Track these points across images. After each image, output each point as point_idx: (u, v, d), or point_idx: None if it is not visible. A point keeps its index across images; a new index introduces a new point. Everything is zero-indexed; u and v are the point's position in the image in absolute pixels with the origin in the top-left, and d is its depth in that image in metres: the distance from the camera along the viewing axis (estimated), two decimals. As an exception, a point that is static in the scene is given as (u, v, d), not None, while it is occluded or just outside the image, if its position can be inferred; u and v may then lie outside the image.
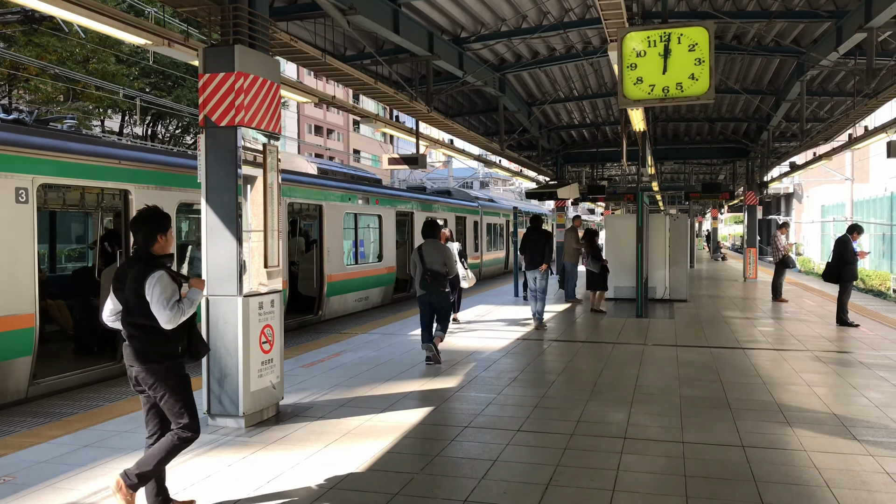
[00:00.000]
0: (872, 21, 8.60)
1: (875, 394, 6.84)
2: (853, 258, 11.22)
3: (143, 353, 3.86)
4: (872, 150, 30.52)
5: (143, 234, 3.89)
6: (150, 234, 3.89)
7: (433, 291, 8.34)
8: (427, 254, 8.35)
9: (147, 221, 3.89)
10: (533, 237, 11.30)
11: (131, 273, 3.82)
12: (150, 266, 3.82)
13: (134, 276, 3.80)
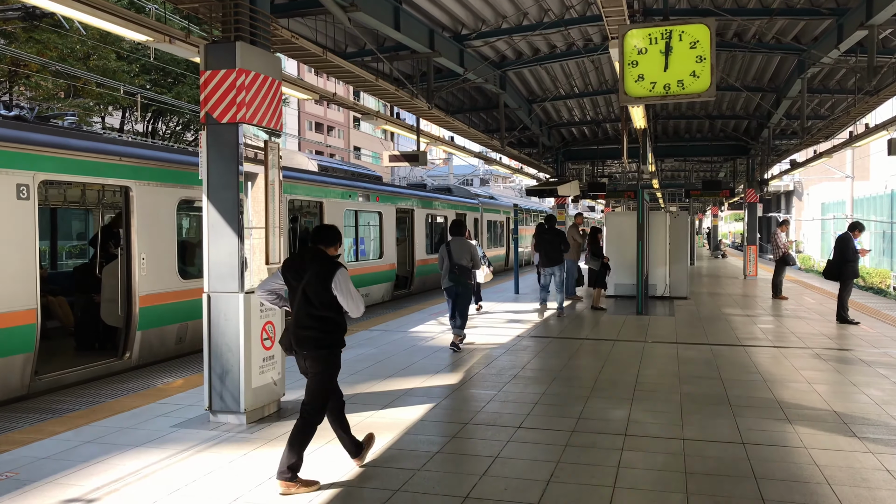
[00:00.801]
0: (873, 18, 8.59)
1: (875, 391, 6.85)
2: (854, 256, 11.22)
3: (320, 340, 4.43)
4: (873, 148, 30.51)
5: (329, 241, 4.59)
6: (333, 242, 4.61)
7: (459, 283, 9.14)
8: (454, 249, 9.14)
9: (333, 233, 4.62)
10: (547, 236, 12.36)
11: (315, 269, 4.42)
12: (334, 264, 4.46)
13: (319, 272, 4.40)
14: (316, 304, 4.40)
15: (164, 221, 9.27)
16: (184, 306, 9.57)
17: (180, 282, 9.55)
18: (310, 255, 4.51)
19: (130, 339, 8.80)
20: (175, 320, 9.51)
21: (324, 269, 4.40)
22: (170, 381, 7.66)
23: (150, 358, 9.22)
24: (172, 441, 5.34)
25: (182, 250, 9.80)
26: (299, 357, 4.52)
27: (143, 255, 8.84)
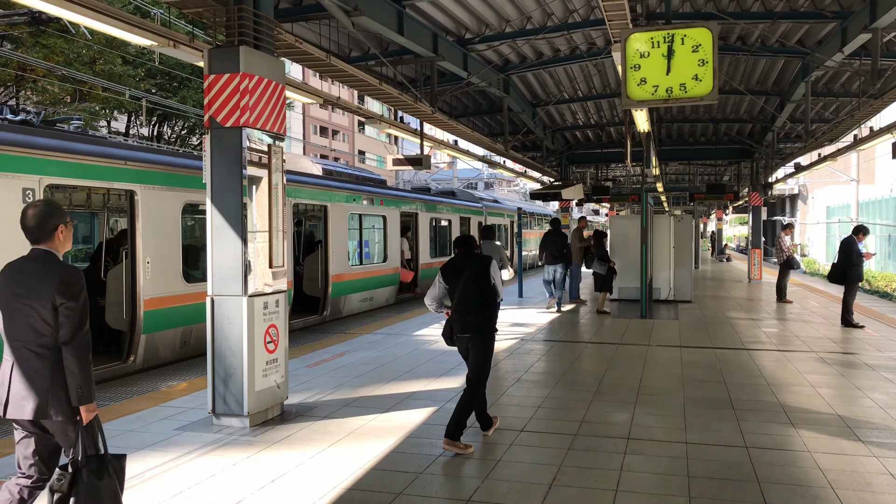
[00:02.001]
0: (878, 21, 8.58)
1: (880, 395, 6.83)
2: (859, 259, 11.20)
3: (481, 324, 5.31)
4: (878, 151, 30.40)
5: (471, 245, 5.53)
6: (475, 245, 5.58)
7: None
8: (485, 251, 9.89)
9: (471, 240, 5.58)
10: (554, 238, 13.57)
11: (473, 265, 5.35)
12: (488, 258, 5.42)
13: (479, 266, 5.33)
14: (476, 295, 5.32)
15: (169, 225, 9.31)
16: (188, 310, 9.60)
17: (184, 285, 9.58)
18: (464, 255, 5.48)
19: (135, 343, 8.83)
20: (179, 324, 9.54)
21: (481, 263, 5.38)
22: (174, 385, 7.68)
23: (154, 361, 9.25)
24: (176, 444, 5.36)
25: (186, 254, 9.83)
26: (461, 342, 5.41)
27: (147, 258, 8.88)
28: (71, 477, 3.17)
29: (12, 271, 3.28)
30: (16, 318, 3.20)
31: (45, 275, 3.21)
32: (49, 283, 3.18)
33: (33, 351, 3.18)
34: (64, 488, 3.15)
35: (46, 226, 3.29)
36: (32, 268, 3.24)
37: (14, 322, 3.21)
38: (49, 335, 3.18)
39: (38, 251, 3.30)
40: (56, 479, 3.18)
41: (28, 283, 3.21)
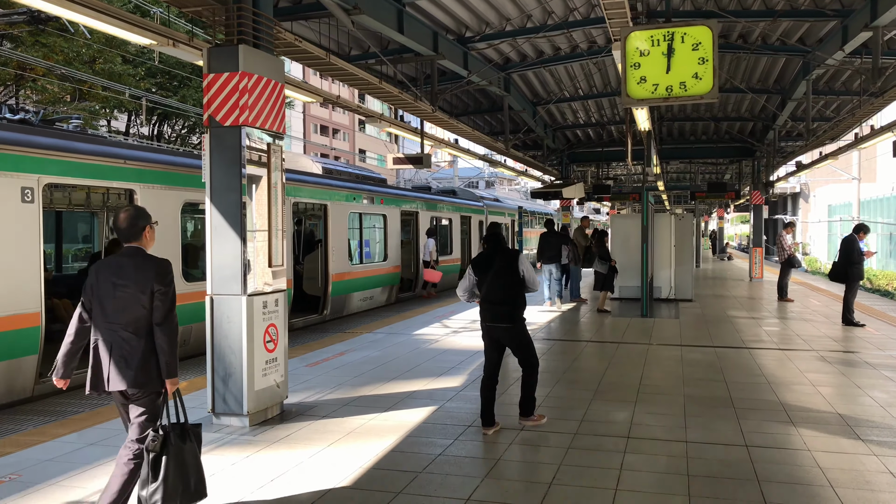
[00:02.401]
0: (878, 20, 8.57)
1: (880, 393, 6.82)
2: (860, 258, 11.18)
3: (514, 312, 5.63)
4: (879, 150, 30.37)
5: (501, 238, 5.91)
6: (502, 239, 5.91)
7: None
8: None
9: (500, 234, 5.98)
10: (552, 239, 13.92)
11: (502, 258, 5.70)
12: (515, 251, 5.77)
13: (508, 259, 5.69)
14: (507, 286, 5.65)
15: (168, 224, 9.30)
16: (187, 309, 9.59)
17: (184, 284, 9.58)
18: (492, 248, 5.81)
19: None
20: (179, 323, 9.52)
21: (510, 256, 5.71)
22: (174, 384, 7.67)
23: (154, 360, 9.24)
24: (175, 443, 5.35)
25: (186, 253, 9.82)
26: (491, 331, 5.71)
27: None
28: (162, 439, 3.68)
29: (111, 266, 3.81)
30: (116, 305, 3.73)
31: (144, 266, 3.77)
32: (148, 272, 3.74)
33: (130, 332, 3.72)
34: (157, 448, 3.66)
35: (136, 227, 3.83)
36: (130, 262, 3.79)
37: (114, 308, 3.73)
38: (144, 318, 3.74)
39: (130, 248, 3.84)
40: (150, 441, 3.69)
41: (129, 274, 3.74)
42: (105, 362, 3.74)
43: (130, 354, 3.71)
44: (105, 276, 3.79)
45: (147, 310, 3.74)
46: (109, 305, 3.75)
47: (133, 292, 3.73)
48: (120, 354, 3.71)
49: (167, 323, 3.76)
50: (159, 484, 3.65)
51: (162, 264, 3.82)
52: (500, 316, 5.64)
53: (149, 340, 3.75)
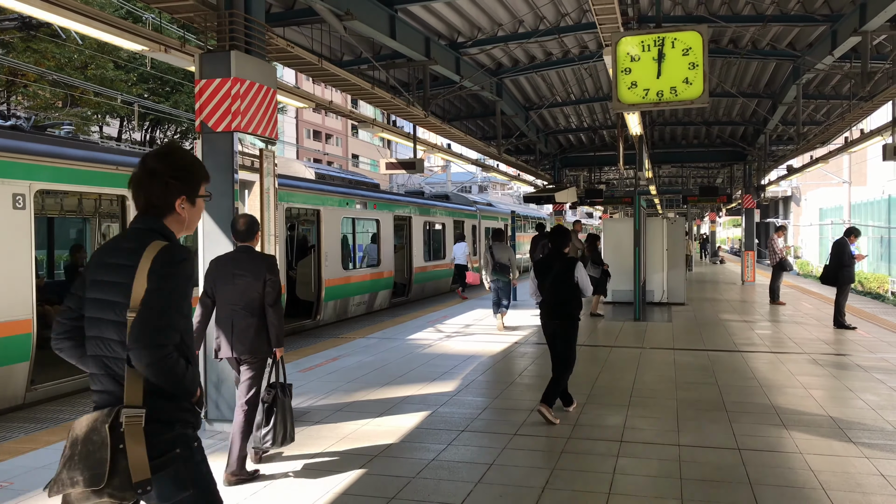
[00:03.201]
0: (867, 25, 8.64)
1: (871, 396, 6.85)
2: (850, 261, 11.24)
3: (569, 313, 6.19)
4: (870, 153, 30.59)
5: (563, 240, 6.38)
6: (566, 241, 6.39)
7: (501, 277, 11.61)
8: (496, 251, 11.67)
9: (565, 233, 6.42)
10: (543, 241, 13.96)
11: (561, 264, 6.25)
12: (573, 259, 6.31)
13: (565, 266, 6.22)
14: (564, 289, 6.19)
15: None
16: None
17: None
18: (553, 254, 6.39)
19: (127, 348, 8.79)
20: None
21: (568, 263, 6.24)
22: (166, 390, 7.64)
23: (146, 367, 9.20)
24: (168, 450, 5.33)
25: None
26: (549, 326, 6.28)
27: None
28: (273, 394, 4.81)
29: (229, 260, 4.81)
30: (236, 290, 4.69)
31: (258, 260, 4.77)
32: (261, 265, 4.72)
33: (247, 311, 4.67)
34: (269, 400, 4.80)
35: (252, 231, 4.86)
36: (246, 257, 4.78)
37: (235, 293, 4.69)
38: (257, 301, 4.68)
39: (244, 247, 4.85)
40: (266, 393, 4.82)
41: (246, 266, 4.73)
42: (227, 334, 4.71)
43: (247, 329, 4.67)
44: (224, 268, 4.78)
45: (260, 294, 4.68)
46: (229, 290, 4.71)
47: (250, 280, 4.68)
48: (240, 329, 4.68)
49: (277, 304, 4.72)
50: (270, 429, 4.74)
51: (270, 259, 4.80)
52: (556, 315, 6.23)
53: (261, 318, 4.70)
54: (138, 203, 2.39)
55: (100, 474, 2.12)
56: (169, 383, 2.23)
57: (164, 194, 2.38)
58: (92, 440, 2.16)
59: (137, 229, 2.37)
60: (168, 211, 2.40)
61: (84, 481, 2.13)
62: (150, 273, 2.24)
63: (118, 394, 2.26)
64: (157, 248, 2.28)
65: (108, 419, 2.18)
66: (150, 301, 2.21)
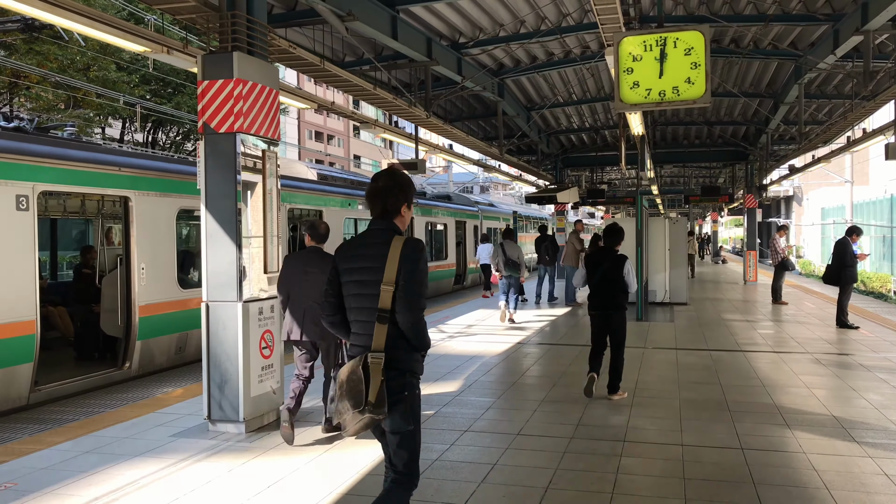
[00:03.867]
0: (869, 24, 8.63)
1: (874, 396, 6.85)
2: (853, 260, 11.22)
3: (619, 305, 6.84)
4: (872, 153, 30.57)
5: (616, 239, 6.95)
6: (620, 239, 6.98)
7: (512, 272, 12.22)
8: (508, 248, 12.23)
9: (618, 231, 6.96)
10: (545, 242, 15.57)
11: (611, 260, 6.84)
12: (623, 256, 6.89)
13: (615, 262, 6.81)
14: (614, 283, 6.79)
15: (164, 231, 9.29)
16: (183, 316, 9.58)
17: (180, 291, 9.57)
18: (604, 251, 6.98)
19: (130, 349, 8.81)
20: (174, 330, 9.52)
21: (618, 260, 6.84)
22: (169, 391, 7.66)
23: (149, 368, 9.23)
24: (172, 451, 5.35)
25: (181, 260, 9.81)
26: (595, 318, 6.96)
27: (142, 264, 8.87)
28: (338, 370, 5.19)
29: (302, 258, 5.64)
30: (308, 284, 5.46)
31: (325, 258, 5.53)
32: (328, 262, 5.17)
33: (316, 303, 5.32)
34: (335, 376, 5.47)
35: (325, 234, 5.78)
36: (316, 255, 5.61)
37: (307, 286, 5.47)
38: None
39: (315, 247, 5.71)
40: (334, 370, 5.67)
41: (316, 263, 5.53)
42: (299, 322, 5.53)
43: (318, 318, 5.32)
44: (295, 264, 5.62)
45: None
46: (301, 284, 5.51)
47: (318, 275, 5.36)
48: (311, 318, 5.47)
49: None
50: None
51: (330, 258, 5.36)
52: (602, 306, 6.86)
53: None
54: (375, 209, 3.23)
55: (360, 400, 2.97)
56: (419, 339, 3.09)
57: (396, 202, 3.21)
58: (352, 379, 3.00)
59: (379, 228, 3.19)
60: (396, 214, 3.23)
61: (351, 406, 2.99)
62: (402, 259, 3.03)
63: (369, 344, 3.06)
64: (402, 240, 3.09)
65: (360, 362, 3.02)
66: (409, 279, 3.04)
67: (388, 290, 3.02)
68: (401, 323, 3.04)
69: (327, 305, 3.28)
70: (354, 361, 3.04)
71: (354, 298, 3.18)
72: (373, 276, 3.07)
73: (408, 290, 3.03)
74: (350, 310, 3.21)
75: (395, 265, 3.03)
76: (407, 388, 3.07)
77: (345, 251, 3.26)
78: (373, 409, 2.96)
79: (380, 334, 3.04)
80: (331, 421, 5.62)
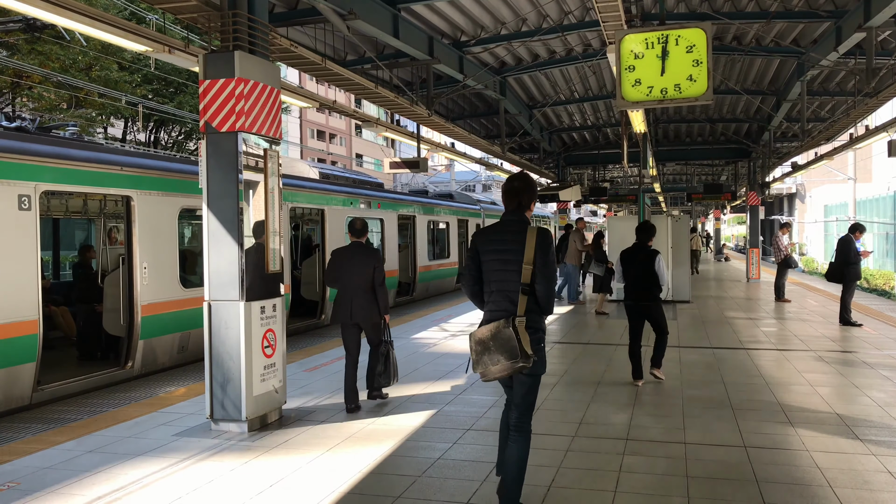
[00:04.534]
0: (871, 20, 8.60)
1: (878, 393, 6.83)
2: (856, 258, 11.20)
3: (654, 296, 7.52)
4: (875, 150, 30.49)
5: (648, 235, 7.59)
6: (652, 235, 7.62)
7: None
8: None
9: (650, 228, 7.74)
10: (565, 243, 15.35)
11: (645, 255, 7.51)
12: (655, 251, 7.53)
13: (650, 256, 7.48)
14: (647, 276, 7.44)
15: (166, 230, 9.30)
16: (185, 315, 9.59)
17: (182, 290, 9.58)
18: (638, 246, 7.64)
19: (133, 349, 8.82)
20: (177, 329, 9.53)
21: (651, 254, 7.49)
22: (172, 390, 7.67)
23: (152, 367, 9.24)
24: (174, 450, 5.35)
25: (183, 259, 9.82)
26: (630, 309, 7.67)
27: (144, 264, 8.87)
28: (386, 349, 6.65)
29: (348, 251, 6.54)
30: (353, 273, 6.41)
31: (369, 253, 6.52)
32: (372, 257, 6.49)
33: (363, 289, 6.42)
34: (386, 351, 6.64)
35: (364, 231, 6.64)
36: (359, 251, 6.52)
37: (352, 275, 6.40)
38: (368, 282, 6.43)
39: (358, 242, 6.59)
40: (384, 346, 6.62)
41: (359, 258, 6.46)
42: (348, 305, 6.42)
43: (364, 302, 6.42)
44: (342, 257, 6.49)
45: (370, 277, 6.41)
46: (350, 273, 6.40)
47: (361, 267, 6.38)
48: (358, 302, 6.40)
49: (383, 285, 6.51)
50: (386, 370, 6.66)
51: (377, 253, 6.62)
52: (638, 297, 7.53)
53: (371, 294, 6.44)
54: (511, 204, 4.07)
55: (514, 353, 3.75)
56: (550, 305, 3.94)
57: (528, 199, 4.06)
58: (501, 337, 3.78)
59: (514, 220, 4.03)
60: (526, 209, 4.07)
61: (504, 358, 3.77)
62: (538, 245, 3.85)
63: (510, 309, 3.86)
64: (535, 230, 3.90)
65: (508, 324, 3.79)
66: (545, 260, 3.85)
67: (528, 268, 3.83)
68: (539, 293, 3.86)
69: (469, 278, 4.10)
70: (499, 323, 3.82)
71: (496, 273, 3.96)
72: (514, 257, 3.88)
73: (544, 269, 3.85)
74: (490, 282, 4.00)
75: (533, 249, 3.84)
76: (541, 342, 3.93)
77: (485, 236, 4.08)
78: (526, 358, 3.75)
79: (522, 302, 3.83)
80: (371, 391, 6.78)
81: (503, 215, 4.10)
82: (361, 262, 6.39)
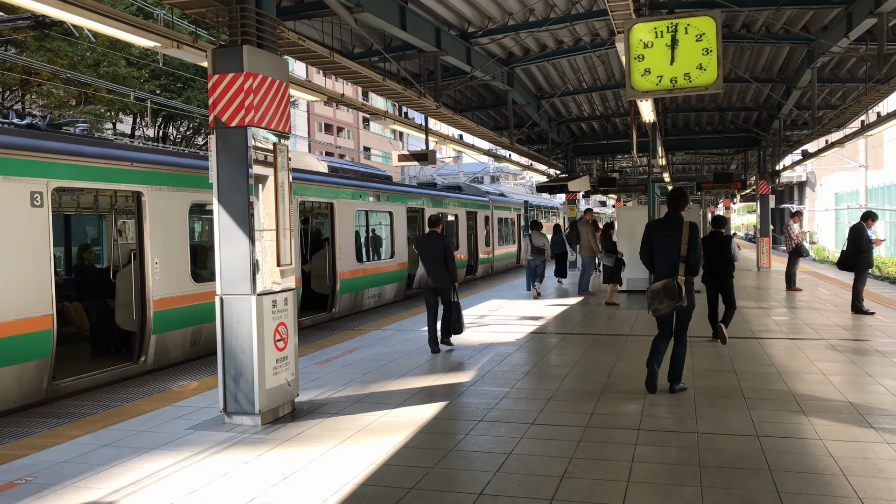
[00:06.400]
0: (882, 6, 8.53)
1: (891, 381, 6.80)
2: (868, 246, 11.12)
3: (729, 273, 9.17)
4: (886, 136, 30.24)
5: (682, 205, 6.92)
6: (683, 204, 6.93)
7: (537, 257, 15.05)
8: (534, 238, 14.99)
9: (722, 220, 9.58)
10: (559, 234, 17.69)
11: (722, 240, 9.16)
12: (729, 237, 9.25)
13: (725, 241, 9.14)
14: (724, 259, 9.08)
15: (177, 225, 9.34)
16: (197, 309, 9.64)
17: (193, 285, 9.62)
18: (715, 234, 9.28)
19: (145, 343, 8.88)
20: (189, 323, 9.58)
21: (725, 240, 9.20)
22: (185, 384, 7.72)
23: (165, 361, 9.30)
24: (188, 443, 5.40)
25: (194, 254, 9.86)
26: (715, 285, 9.28)
27: (156, 259, 8.92)
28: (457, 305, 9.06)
29: (426, 237, 9.01)
30: (429, 252, 8.88)
31: (440, 239, 8.92)
32: (442, 243, 8.89)
33: (438, 262, 8.84)
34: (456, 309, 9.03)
35: (438, 222, 9.14)
36: (433, 236, 9.00)
37: (430, 255, 8.88)
38: (441, 258, 8.83)
39: (433, 230, 9.05)
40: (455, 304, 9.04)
41: (434, 241, 8.93)
42: (426, 274, 8.89)
43: (439, 273, 8.85)
44: (422, 241, 8.98)
45: (442, 255, 8.83)
46: (429, 253, 8.88)
47: (436, 248, 8.85)
48: (433, 274, 8.84)
49: (453, 261, 8.93)
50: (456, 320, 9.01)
51: (446, 239, 9.02)
52: (717, 275, 9.20)
53: (444, 266, 8.84)
54: (672, 207, 6.63)
55: (674, 296, 6.32)
56: (698, 268, 6.40)
57: (684, 204, 6.67)
58: (669, 287, 6.34)
59: (675, 217, 6.54)
60: (682, 209, 6.59)
61: (668, 300, 6.36)
62: (689, 235, 6.36)
63: (672, 273, 6.34)
64: (688, 223, 6.41)
65: (674, 280, 6.32)
66: (694, 243, 6.37)
67: (684, 246, 6.31)
68: (691, 261, 6.34)
69: (647, 254, 6.61)
70: (667, 280, 6.34)
71: (663, 249, 6.46)
72: (676, 240, 6.37)
73: (694, 247, 6.36)
74: (658, 257, 6.50)
75: (686, 235, 6.36)
76: (691, 292, 6.39)
77: (656, 228, 6.61)
78: (682, 300, 6.27)
79: (681, 268, 6.32)
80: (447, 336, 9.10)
81: (666, 213, 6.61)
82: (437, 246, 8.82)
